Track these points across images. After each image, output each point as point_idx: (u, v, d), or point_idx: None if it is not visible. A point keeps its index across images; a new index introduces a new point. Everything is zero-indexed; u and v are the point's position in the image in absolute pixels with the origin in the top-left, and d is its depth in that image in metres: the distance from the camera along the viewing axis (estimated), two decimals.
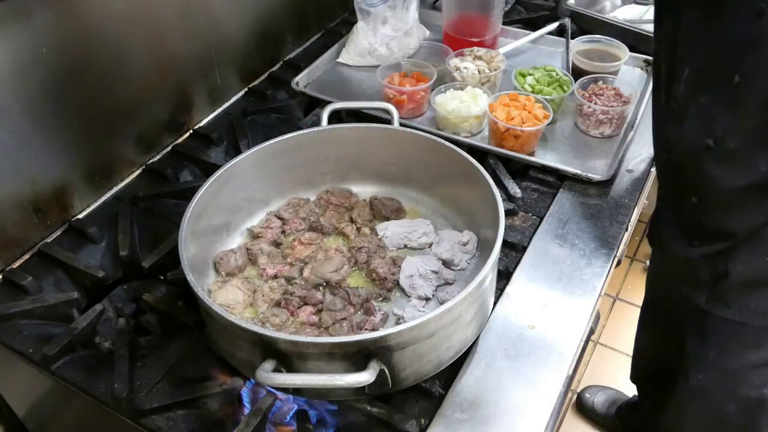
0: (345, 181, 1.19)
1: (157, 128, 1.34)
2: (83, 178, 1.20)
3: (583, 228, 1.14)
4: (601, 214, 1.17)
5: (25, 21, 1.01)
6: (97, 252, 1.15)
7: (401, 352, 0.81)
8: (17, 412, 1.19)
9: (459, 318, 0.86)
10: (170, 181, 1.29)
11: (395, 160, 1.15)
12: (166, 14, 1.26)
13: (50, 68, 1.07)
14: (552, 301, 1.02)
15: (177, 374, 0.95)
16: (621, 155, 1.25)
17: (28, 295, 1.06)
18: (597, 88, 1.34)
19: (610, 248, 1.11)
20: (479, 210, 1.03)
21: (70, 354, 0.98)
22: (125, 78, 1.22)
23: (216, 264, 1.04)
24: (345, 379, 0.77)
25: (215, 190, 1.03)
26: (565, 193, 1.22)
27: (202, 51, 1.38)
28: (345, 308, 0.97)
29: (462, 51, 1.45)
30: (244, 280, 1.02)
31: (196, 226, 0.98)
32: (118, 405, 0.91)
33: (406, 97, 1.35)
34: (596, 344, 2.18)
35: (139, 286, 1.09)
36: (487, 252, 0.92)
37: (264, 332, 0.80)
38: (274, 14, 1.56)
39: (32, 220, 1.13)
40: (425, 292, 1.00)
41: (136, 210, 1.23)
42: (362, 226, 1.11)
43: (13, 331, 1.01)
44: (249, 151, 1.09)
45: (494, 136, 1.28)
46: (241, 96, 1.53)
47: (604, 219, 1.16)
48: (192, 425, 0.89)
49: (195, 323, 1.00)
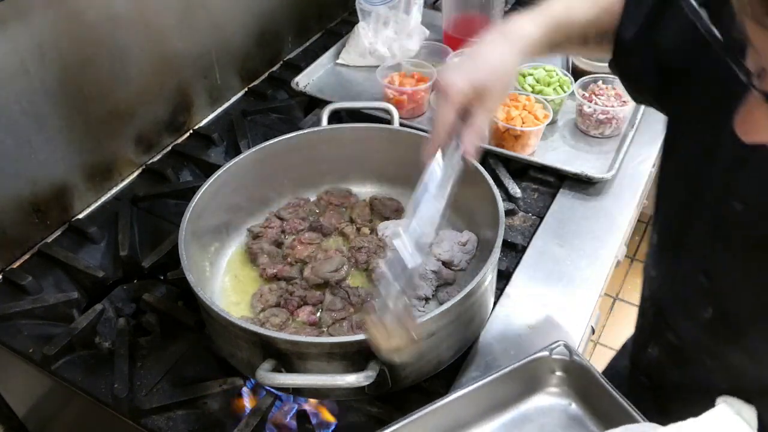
0: (345, 181, 1.19)
1: (157, 128, 1.34)
2: (83, 178, 1.20)
3: (583, 228, 1.14)
4: (601, 214, 1.17)
5: (26, 21, 1.01)
6: (97, 252, 1.15)
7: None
8: (17, 412, 1.19)
9: (459, 318, 0.86)
10: (170, 181, 1.29)
11: (395, 160, 1.14)
12: (166, 14, 1.26)
13: (50, 68, 1.07)
14: (552, 301, 1.02)
15: (177, 374, 0.95)
16: (621, 155, 1.25)
17: (28, 295, 1.06)
18: (597, 88, 1.34)
19: (610, 248, 1.11)
20: (479, 210, 1.03)
21: (70, 354, 0.98)
22: (125, 78, 1.22)
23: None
24: (345, 379, 0.77)
25: (215, 190, 1.03)
26: (565, 193, 1.22)
27: (202, 51, 1.38)
28: (345, 308, 0.97)
29: (462, 51, 1.45)
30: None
31: (196, 226, 0.98)
32: (118, 405, 0.91)
33: (406, 97, 1.35)
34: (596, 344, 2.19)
35: (139, 286, 1.09)
36: (487, 252, 0.92)
37: (264, 332, 0.80)
38: (274, 14, 1.56)
39: (32, 220, 1.13)
40: (425, 292, 1.00)
41: (136, 210, 1.23)
42: (362, 226, 1.11)
43: (13, 331, 1.01)
44: (249, 151, 1.09)
45: (494, 136, 1.28)
46: (241, 96, 1.53)
47: (604, 219, 1.16)
48: (192, 425, 0.89)
49: (195, 323, 1.00)
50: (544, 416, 0.79)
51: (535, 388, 0.81)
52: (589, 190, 1.22)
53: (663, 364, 0.82)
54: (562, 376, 0.81)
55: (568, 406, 0.80)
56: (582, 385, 0.79)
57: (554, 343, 0.80)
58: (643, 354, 0.84)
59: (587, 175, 1.21)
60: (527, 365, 0.79)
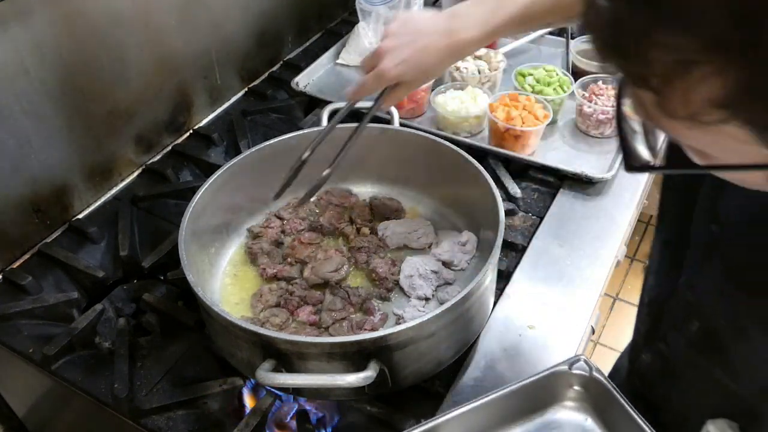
0: (345, 181, 1.19)
1: (157, 128, 1.34)
2: (83, 178, 1.20)
3: (583, 228, 1.14)
4: (601, 214, 1.17)
5: (26, 21, 1.01)
6: (97, 252, 1.15)
7: (401, 351, 0.81)
8: (17, 412, 1.19)
9: (459, 318, 0.86)
10: (170, 181, 1.29)
11: (395, 160, 1.15)
12: (166, 14, 1.26)
13: (51, 68, 1.07)
14: (552, 301, 1.02)
15: (177, 374, 0.95)
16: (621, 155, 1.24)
17: (28, 295, 1.06)
18: (597, 88, 1.34)
19: (610, 248, 1.11)
20: (479, 210, 1.03)
21: (70, 354, 0.98)
22: (125, 78, 1.22)
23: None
24: (345, 379, 0.77)
25: (215, 190, 1.03)
26: (565, 193, 1.22)
27: (202, 51, 1.38)
28: (345, 308, 0.97)
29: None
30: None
31: (196, 226, 0.98)
32: (118, 405, 0.91)
33: (406, 97, 1.35)
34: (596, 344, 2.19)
35: (139, 286, 1.09)
36: (487, 252, 0.92)
37: (264, 332, 0.80)
38: (274, 14, 1.56)
39: (32, 220, 1.13)
40: (425, 292, 1.00)
41: (136, 210, 1.23)
42: (362, 226, 1.11)
43: (13, 331, 1.01)
44: (249, 151, 1.09)
45: (494, 136, 1.28)
46: (241, 96, 1.53)
47: (604, 219, 1.16)
48: (192, 425, 0.89)
49: (195, 323, 1.00)
50: (560, 430, 0.79)
51: (552, 402, 0.80)
52: (589, 190, 1.22)
53: (654, 372, 0.82)
54: (580, 391, 0.80)
55: (584, 422, 0.79)
56: (600, 401, 0.79)
57: (574, 357, 0.79)
58: (638, 359, 0.85)
59: (587, 175, 1.21)
60: (545, 378, 0.78)
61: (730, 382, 0.69)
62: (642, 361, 0.83)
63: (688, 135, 0.40)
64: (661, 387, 0.81)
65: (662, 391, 0.81)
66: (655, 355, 0.81)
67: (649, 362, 0.82)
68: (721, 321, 0.67)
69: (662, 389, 0.81)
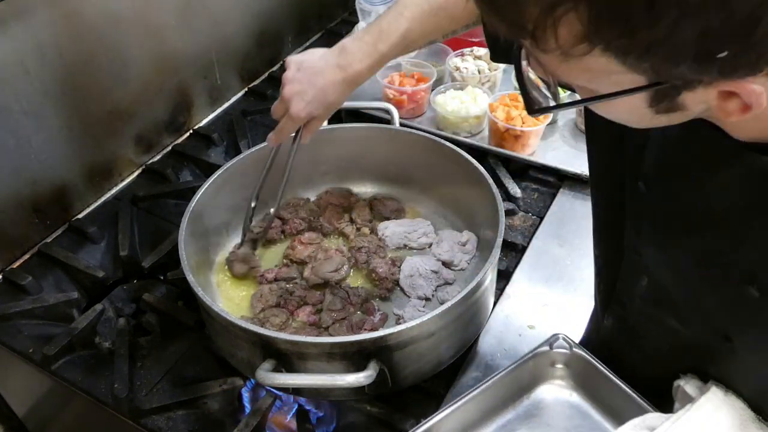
0: (345, 181, 1.19)
1: (157, 128, 1.34)
2: (83, 178, 1.20)
3: (583, 228, 1.14)
4: None
5: (26, 21, 1.01)
6: (97, 252, 1.15)
7: (401, 352, 0.81)
8: (17, 412, 1.19)
9: (459, 318, 0.86)
10: (170, 181, 1.29)
11: (395, 160, 1.14)
12: (166, 14, 1.26)
13: (50, 68, 1.07)
14: (552, 301, 1.02)
15: (177, 374, 0.95)
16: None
17: (28, 295, 1.06)
18: None
19: None
20: (479, 210, 1.03)
21: (70, 354, 0.98)
22: (125, 78, 1.22)
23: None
24: (345, 379, 0.77)
25: (215, 190, 1.03)
26: (565, 193, 1.22)
27: (202, 51, 1.38)
28: (345, 308, 0.97)
29: (462, 51, 1.45)
30: None
31: (196, 226, 0.98)
32: (118, 405, 0.91)
33: (406, 97, 1.35)
34: None
35: (139, 286, 1.09)
36: (487, 252, 0.92)
37: (264, 332, 0.80)
38: (274, 14, 1.56)
39: (32, 220, 1.13)
40: (425, 292, 1.00)
41: (136, 210, 1.22)
42: (362, 226, 1.11)
43: (13, 331, 1.01)
44: (249, 151, 1.09)
45: (494, 136, 1.28)
46: (241, 96, 1.53)
47: None
48: (192, 425, 0.89)
49: (195, 323, 1.00)
50: (548, 409, 0.80)
51: (538, 383, 0.82)
52: (588, 190, 1.21)
53: (616, 335, 0.85)
54: (562, 368, 0.81)
55: (570, 397, 0.81)
56: (583, 375, 0.80)
57: (552, 336, 0.80)
58: (601, 326, 0.87)
59: (587, 175, 1.20)
60: (529, 361, 0.80)
61: (683, 329, 0.71)
62: (604, 327, 0.86)
63: (567, 72, 0.47)
64: (625, 348, 0.84)
65: (627, 351, 0.84)
66: (615, 319, 0.84)
67: (609, 326, 0.85)
68: (663, 276, 0.70)
69: (626, 350, 0.84)
